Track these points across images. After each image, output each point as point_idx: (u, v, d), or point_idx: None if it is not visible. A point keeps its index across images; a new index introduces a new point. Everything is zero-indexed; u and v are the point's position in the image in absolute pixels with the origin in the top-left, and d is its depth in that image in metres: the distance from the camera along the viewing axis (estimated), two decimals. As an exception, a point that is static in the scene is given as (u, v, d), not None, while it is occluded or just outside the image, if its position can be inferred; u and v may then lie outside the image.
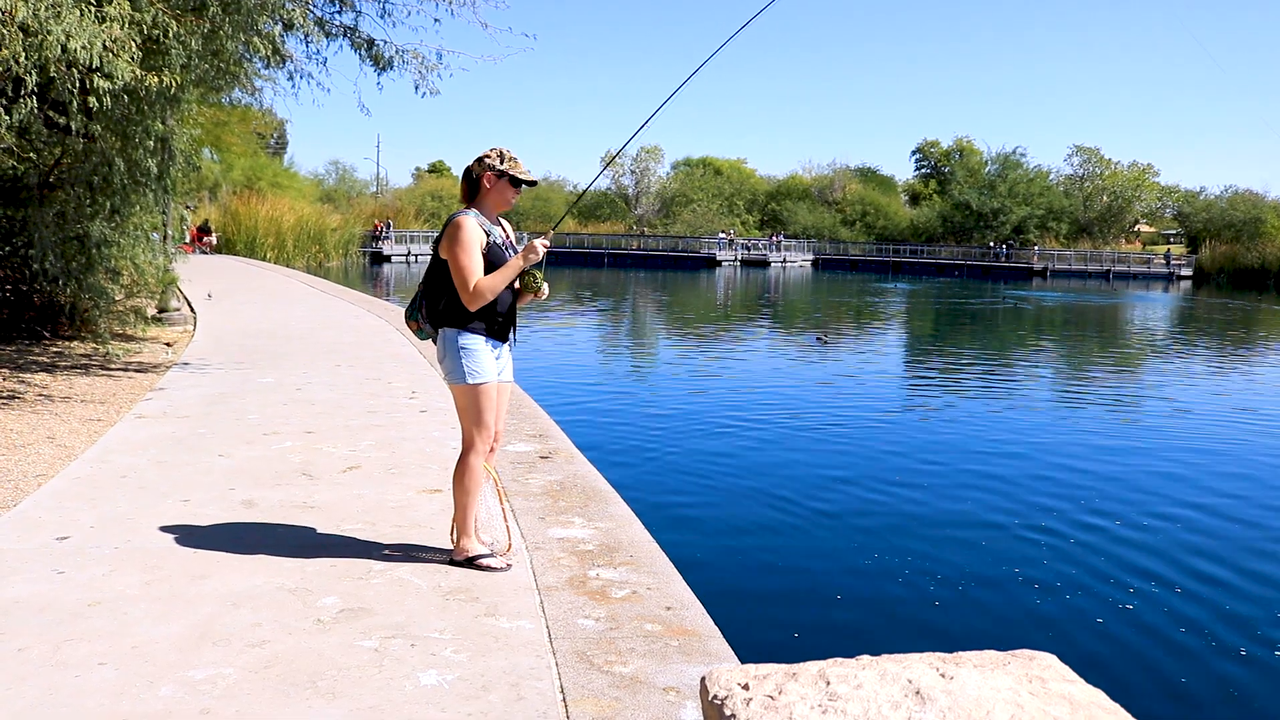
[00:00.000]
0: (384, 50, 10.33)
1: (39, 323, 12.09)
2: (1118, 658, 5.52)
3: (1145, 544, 7.45)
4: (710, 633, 3.90)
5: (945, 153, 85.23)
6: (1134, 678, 5.27)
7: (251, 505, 5.42)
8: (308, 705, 3.21)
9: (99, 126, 8.55)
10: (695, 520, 7.76)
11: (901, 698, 1.75)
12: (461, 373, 4.39)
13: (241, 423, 7.63)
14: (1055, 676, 1.89)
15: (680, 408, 12.60)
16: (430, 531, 5.01)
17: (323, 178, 74.05)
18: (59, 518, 5.11)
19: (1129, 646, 5.66)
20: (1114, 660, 5.47)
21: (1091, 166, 75.05)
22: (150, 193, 10.27)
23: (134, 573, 4.33)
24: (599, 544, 4.90)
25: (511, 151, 4.47)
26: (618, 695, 3.33)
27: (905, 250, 67.25)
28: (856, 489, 8.79)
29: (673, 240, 66.86)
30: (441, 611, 4.00)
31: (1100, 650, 5.58)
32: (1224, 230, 61.15)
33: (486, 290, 4.33)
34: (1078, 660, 2.18)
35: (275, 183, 50.98)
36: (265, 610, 3.96)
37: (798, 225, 74.15)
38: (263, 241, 43.24)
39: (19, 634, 3.68)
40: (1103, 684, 1.91)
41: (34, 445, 6.80)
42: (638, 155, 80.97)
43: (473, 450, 4.44)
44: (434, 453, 6.75)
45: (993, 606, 6.21)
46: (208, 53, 8.48)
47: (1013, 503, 8.44)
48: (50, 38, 6.51)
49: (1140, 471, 9.71)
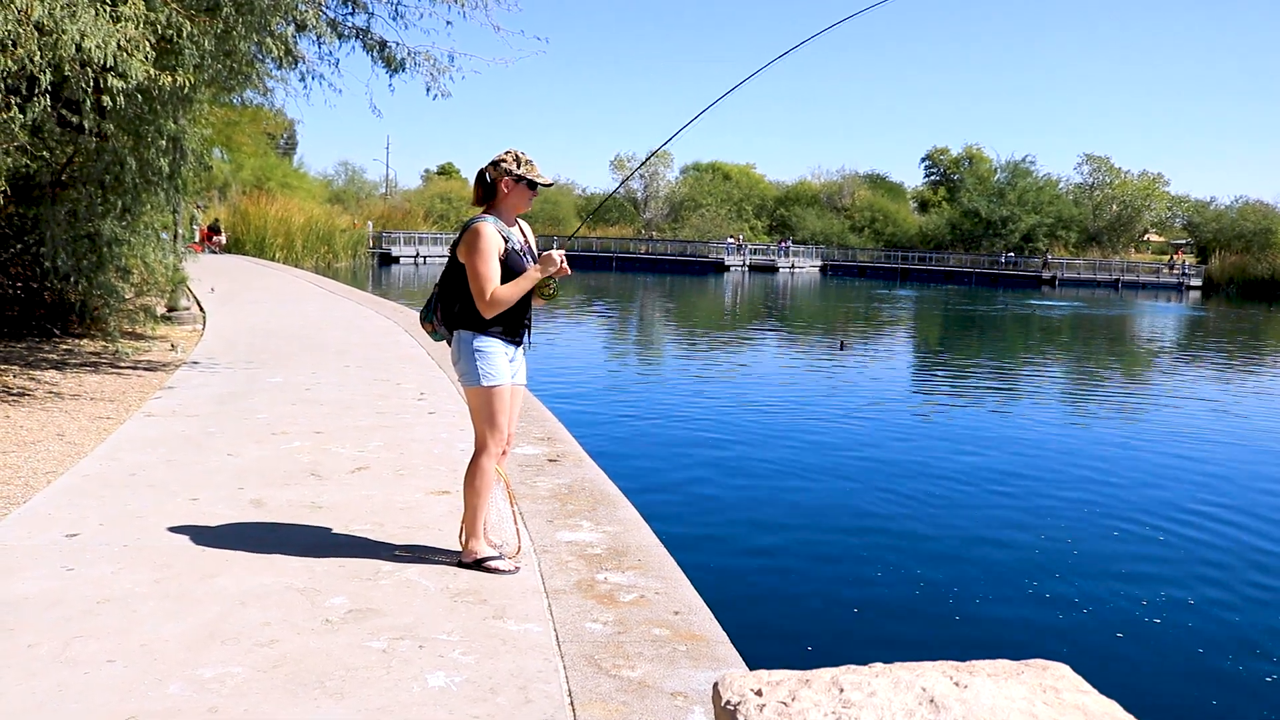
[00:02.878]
0: (396, 52, 10.35)
1: (49, 320, 12.12)
2: (1132, 669, 5.50)
3: (1160, 554, 7.42)
4: (718, 638, 3.90)
5: (955, 160, 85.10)
6: (1149, 689, 5.25)
7: (260, 505, 5.43)
8: (315, 705, 3.21)
9: (112, 125, 8.57)
10: (703, 524, 7.75)
11: (915, 705, 1.75)
12: (476, 375, 4.38)
13: (250, 422, 7.64)
14: (1069, 687, 1.88)
15: (688, 412, 12.60)
16: (439, 533, 5.01)
17: (332, 178, 74.12)
18: (69, 515, 5.12)
19: (1143, 657, 5.64)
20: (1128, 671, 5.45)
21: (1101, 175, 74.88)
22: (161, 192, 10.29)
23: (143, 570, 4.34)
24: (607, 548, 4.89)
25: (526, 154, 4.46)
26: (625, 699, 3.33)
27: (913, 257, 67.12)
28: (866, 495, 8.77)
29: (681, 245, 66.84)
30: (450, 613, 4.00)
31: (1114, 661, 5.55)
32: (1234, 241, 60.98)
33: (503, 299, 4.33)
34: (1091, 671, 2.17)
35: (285, 183, 51.10)
36: (274, 610, 3.96)
37: (806, 231, 74.06)
38: (272, 241, 43.29)
39: (28, 630, 3.68)
40: (1117, 695, 1.90)
41: (44, 442, 6.82)
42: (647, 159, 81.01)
43: (485, 452, 4.44)
44: (442, 454, 6.75)
45: (1005, 615, 6.19)
46: (221, 53, 8.51)
47: (1026, 512, 8.42)
48: (65, 37, 6.53)
49: (1155, 482, 9.68)
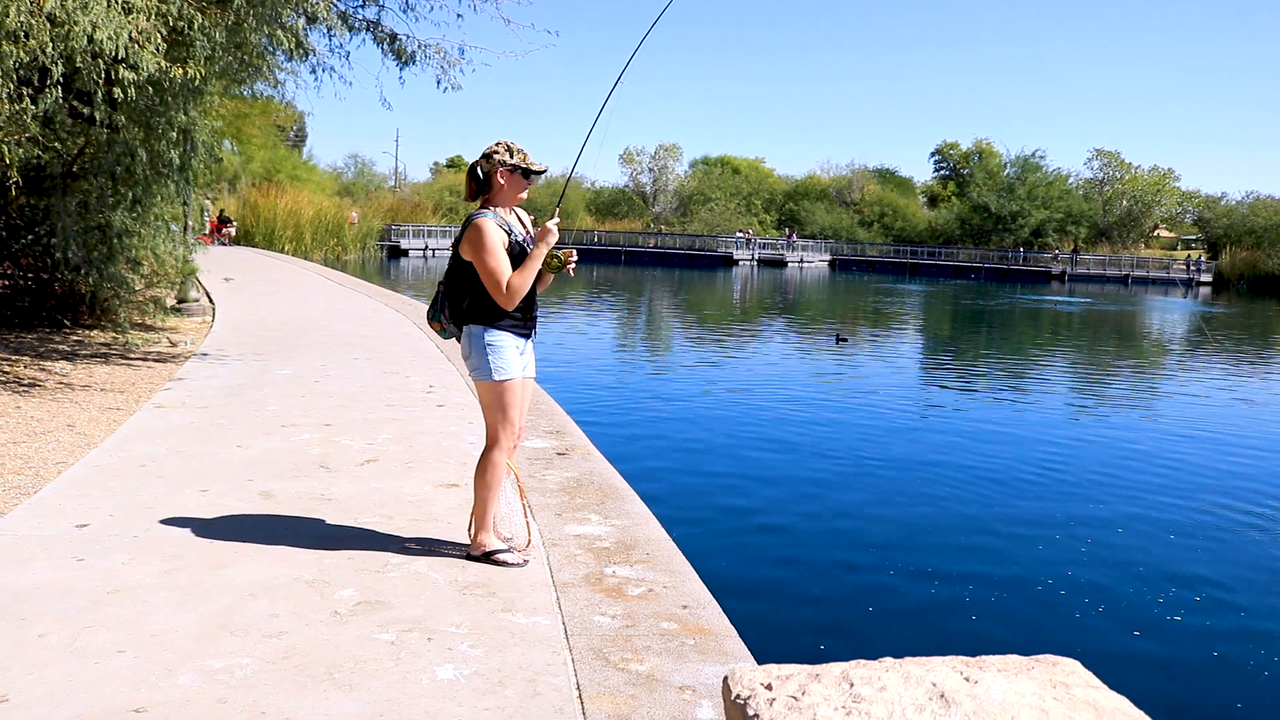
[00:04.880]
0: (407, 45, 10.35)
1: (60, 311, 12.17)
2: (1143, 665, 5.49)
3: (1171, 550, 7.40)
4: (726, 632, 3.90)
5: (964, 155, 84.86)
6: (1159, 685, 5.24)
7: (270, 496, 5.44)
8: (324, 696, 3.22)
9: (123, 117, 8.60)
10: (712, 518, 7.75)
11: (926, 700, 1.75)
12: (488, 369, 4.38)
13: (260, 414, 7.66)
14: (1079, 682, 1.88)
15: (697, 406, 12.60)
16: (448, 526, 5.02)
17: (341, 171, 74.26)
18: (79, 505, 5.14)
19: (1154, 654, 5.63)
20: (1139, 667, 5.44)
21: (1111, 170, 74.62)
22: (172, 183, 10.33)
23: (153, 561, 4.36)
24: (615, 541, 4.90)
25: (516, 143, 4.46)
26: (634, 693, 3.33)
27: (923, 252, 66.97)
28: (876, 490, 8.77)
29: (690, 239, 66.81)
30: (459, 606, 4.00)
31: (1125, 657, 5.54)
32: (1245, 236, 60.74)
33: (520, 287, 4.32)
34: (1101, 666, 2.17)
35: (294, 175, 51.15)
36: (283, 601, 3.97)
37: (815, 225, 73.95)
38: (281, 234, 43.36)
39: (39, 620, 3.70)
40: (1127, 691, 1.90)
41: (54, 433, 6.84)
42: (656, 153, 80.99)
43: (496, 446, 4.44)
44: (451, 447, 6.77)
45: (1015, 610, 6.18)
46: (231, 45, 8.52)
47: (1036, 507, 8.41)
48: (77, 28, 6.55)
49: (1166, 477, 9.65)
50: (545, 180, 78.02)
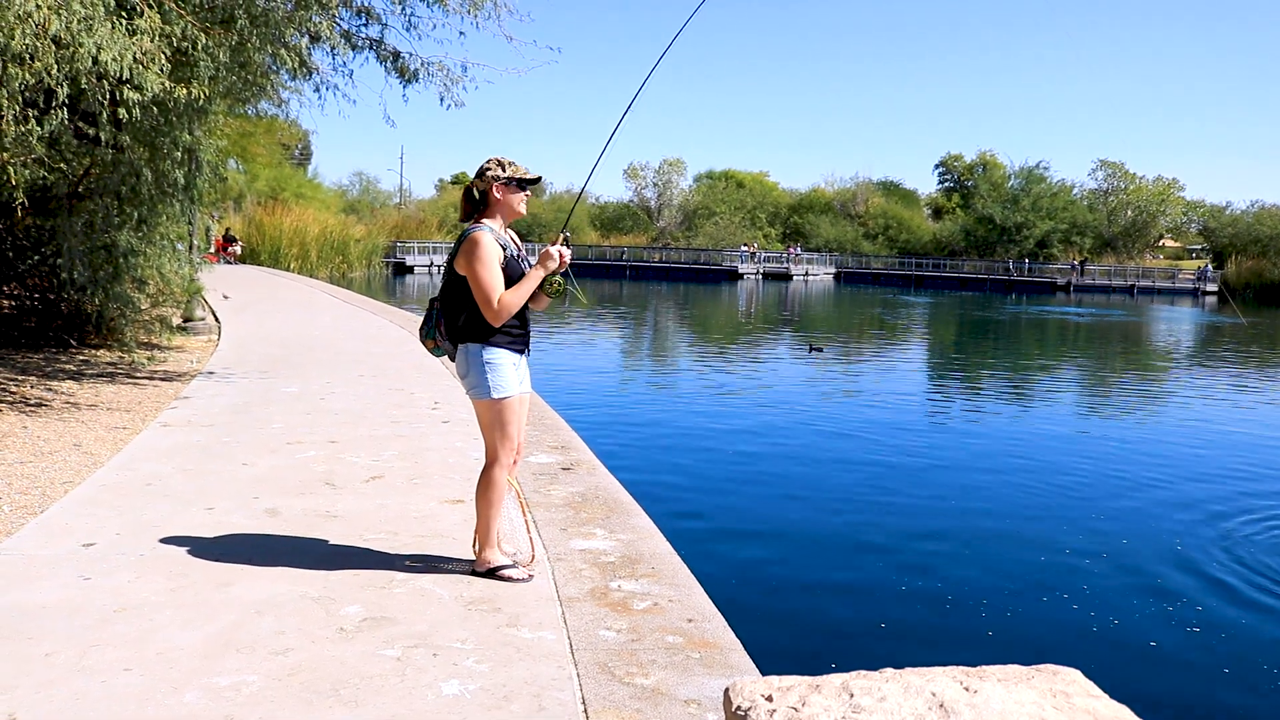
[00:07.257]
0: (410, 63, 10.40)
1: (66, 331, 12.21)
2: (1143, 674, 5.47)
3: (1171, 560, 7.39)
4: (732, 645, 3.90)
5: (968, 166, 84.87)
6: (1159, 695, 5.23)
7: (275, 514, 5.46)
8: (330, 713, 3.22)
9: (128, 137, 8.64)
10: (717, 532, 7.75)
11: (925, 710, 1.75)
12: (486, 387, 4.38)
13: (265, 431, 7.68)
14: (1080, 692, 1.88)
15: (702, 420, 12.60)
16: (453, 542, 5.02)
17: (346, 189, 74.57)
18: (85, 524, 5.15)
19: (1155, 663, 5.62)
20: (1139, 677, 5.43)
21: (1116, 181, 74.54)
22: (177, 203, 10.37)
23: (159, 579, 4.37)
24: (620, 555, 4.90)
25: (506, 157, 4.48)
26: (639, 707, 3.33)
27: (928, 264, 66.94)
28: (879, 502, 8.76)
29: (695, 253, 66.86)
30: (464, 621, 4.01)
31: (1125, 666, 5.53)
32: (1250, 246, 60.64)
33: (510, 305, 4.33)
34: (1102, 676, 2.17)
35: (299, 193, 51.31)
36: (289, 618, 3.98)
37: (820, 238, 73.93)
38: (287, 252, 43.50)
39: (46, 638, 3.71)
40: (1127, 701, 1.91)
41: (61, 452, 6.87)
42: (660, 167, 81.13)
43: (497, 463, 4.45)
44: (456, 463, 6.78)
45: (1015, 620, 6.17)
46: (235, 65, 8.56)
47: (1037, 517, 8.39)
48: (82, 50, 6.59)
49: (1168, 488, 9.63)
50: (550, 197, 77.77)
